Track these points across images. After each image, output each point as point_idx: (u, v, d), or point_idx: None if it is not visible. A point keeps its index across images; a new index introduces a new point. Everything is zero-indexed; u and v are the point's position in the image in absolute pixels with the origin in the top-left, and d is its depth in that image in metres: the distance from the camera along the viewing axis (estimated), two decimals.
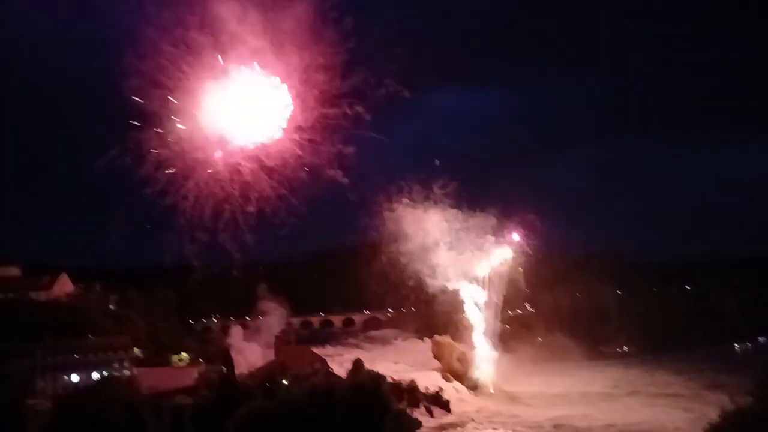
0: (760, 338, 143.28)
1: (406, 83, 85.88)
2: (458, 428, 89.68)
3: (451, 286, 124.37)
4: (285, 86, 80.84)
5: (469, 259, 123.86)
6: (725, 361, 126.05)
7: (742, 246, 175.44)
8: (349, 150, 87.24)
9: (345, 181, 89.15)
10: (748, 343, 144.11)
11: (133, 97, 76.41)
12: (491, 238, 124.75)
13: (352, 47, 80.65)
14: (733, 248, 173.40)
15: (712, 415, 54.47)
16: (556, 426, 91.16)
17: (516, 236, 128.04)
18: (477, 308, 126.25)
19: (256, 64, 79.19)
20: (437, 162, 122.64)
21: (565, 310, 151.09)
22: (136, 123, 77.46)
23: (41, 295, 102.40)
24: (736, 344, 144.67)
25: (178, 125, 79.26)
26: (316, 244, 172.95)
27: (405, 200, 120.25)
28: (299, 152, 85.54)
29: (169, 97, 77.83)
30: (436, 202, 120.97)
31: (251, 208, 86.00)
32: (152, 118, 79.98)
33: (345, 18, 78.15)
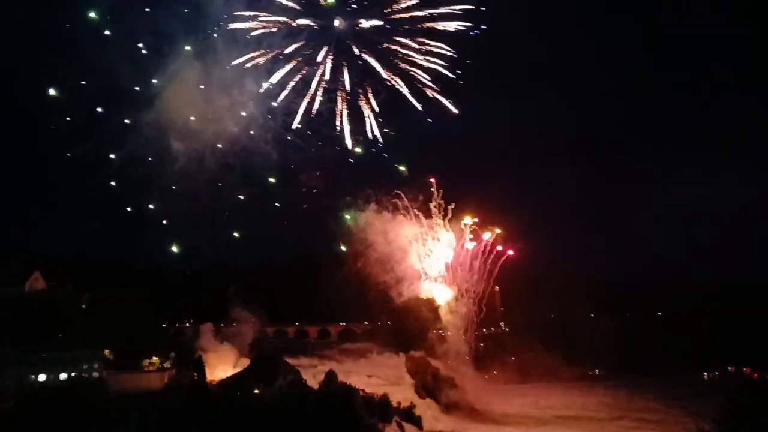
0: (728, 367, 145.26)
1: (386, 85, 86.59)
2: None
3: (425, 295, 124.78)
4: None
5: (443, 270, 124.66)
6: (698, 388, 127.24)
7: (711, 274, 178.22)
8: (326, 152, 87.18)
9: (321, 184, 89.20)
10: (716, 372, 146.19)
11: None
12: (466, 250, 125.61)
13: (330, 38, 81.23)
14: (702, 275, 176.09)
15: None
16: None
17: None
18: (451, 323, 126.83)
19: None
20: (404, 170, 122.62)
21: (539, 329, 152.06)
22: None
23: (12, 291, 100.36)
24: (704, 372, 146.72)
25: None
26: (294, 252, 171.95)
27: (377, 208, 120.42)
28: (270, 151, 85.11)
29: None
30: (407, 211, 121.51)
31: (220, 208, 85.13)
32: (124, 104, 79.35)
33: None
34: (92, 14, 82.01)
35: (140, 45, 75.34)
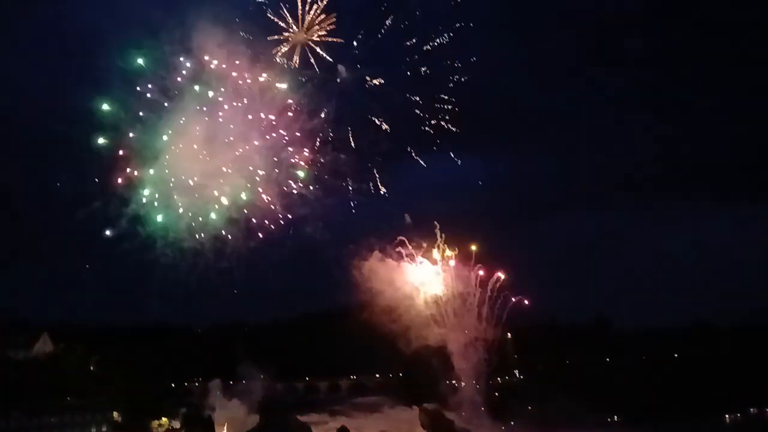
0: (750, 409, 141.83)
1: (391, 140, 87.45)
2: None
3: (434, 343, 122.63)
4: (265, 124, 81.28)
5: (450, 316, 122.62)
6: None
7: (725, 316, 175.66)
8: (329, 202, 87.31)
9: (326, 236, 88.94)
10: (737, 414, 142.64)
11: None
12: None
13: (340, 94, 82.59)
14: (717, 318, 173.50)
15: None
16: None
17: None
18: (464, 371, 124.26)
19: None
20: (408, 219, 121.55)
21: (555, 377, 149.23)
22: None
23: (20, 354, 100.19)
24: (726, 415, 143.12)
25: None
26: (301, 305, 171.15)
27: (381, 256, 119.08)
28: (275, 203, 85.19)
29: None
30: (412, 258, 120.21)
31: (224, 263, 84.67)
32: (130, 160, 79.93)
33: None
34: None
35: (145, 100, 76.58)
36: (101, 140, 77.93)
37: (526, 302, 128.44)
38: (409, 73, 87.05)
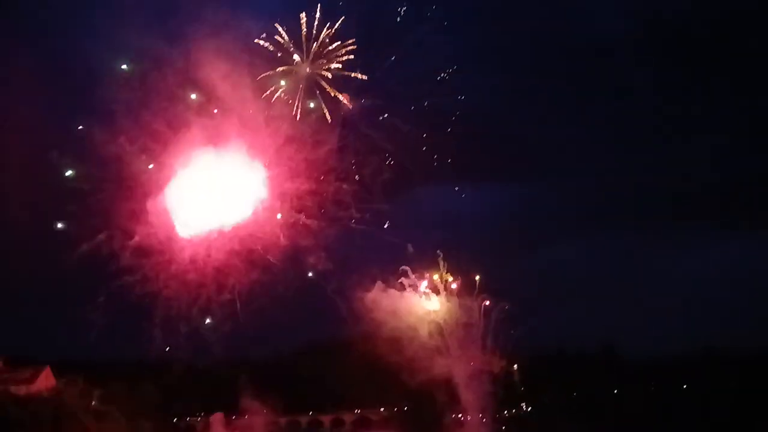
0: None
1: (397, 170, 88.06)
2: None
3: (439, 374, 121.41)
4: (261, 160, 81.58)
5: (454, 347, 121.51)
6: None
7: (735, 344, 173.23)
8: (332, 233, 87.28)
9: (329, 266, 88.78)
10: None
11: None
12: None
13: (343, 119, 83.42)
14: (727, 345, 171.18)
15: None
16: None
17: None
18: (470, 403, 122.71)
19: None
20: (410, 249, 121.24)
21: (563, 408, 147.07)
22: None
23: (22, 390, 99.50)
24: None
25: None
26: (304, 337, 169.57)
27: (383, 287, 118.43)
28: (277, 233, 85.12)
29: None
30: (415, 288, 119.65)
31: (227, 296, 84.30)
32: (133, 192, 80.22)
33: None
34: None
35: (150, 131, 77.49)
36: (102, 173, 79.00)
37: (531, 333, 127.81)
38: (412, 107, 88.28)
